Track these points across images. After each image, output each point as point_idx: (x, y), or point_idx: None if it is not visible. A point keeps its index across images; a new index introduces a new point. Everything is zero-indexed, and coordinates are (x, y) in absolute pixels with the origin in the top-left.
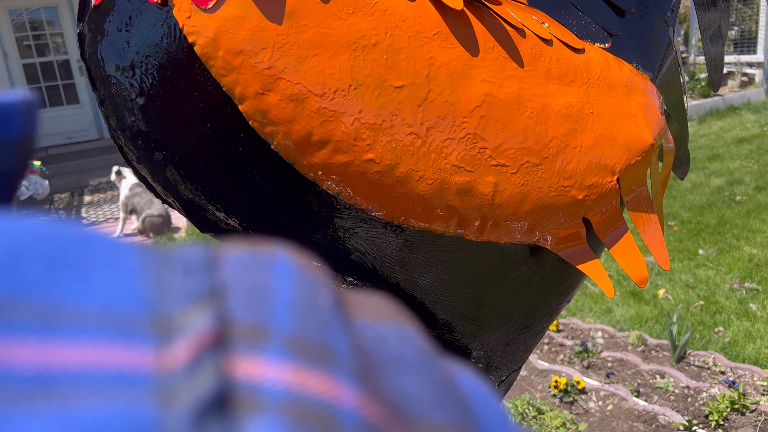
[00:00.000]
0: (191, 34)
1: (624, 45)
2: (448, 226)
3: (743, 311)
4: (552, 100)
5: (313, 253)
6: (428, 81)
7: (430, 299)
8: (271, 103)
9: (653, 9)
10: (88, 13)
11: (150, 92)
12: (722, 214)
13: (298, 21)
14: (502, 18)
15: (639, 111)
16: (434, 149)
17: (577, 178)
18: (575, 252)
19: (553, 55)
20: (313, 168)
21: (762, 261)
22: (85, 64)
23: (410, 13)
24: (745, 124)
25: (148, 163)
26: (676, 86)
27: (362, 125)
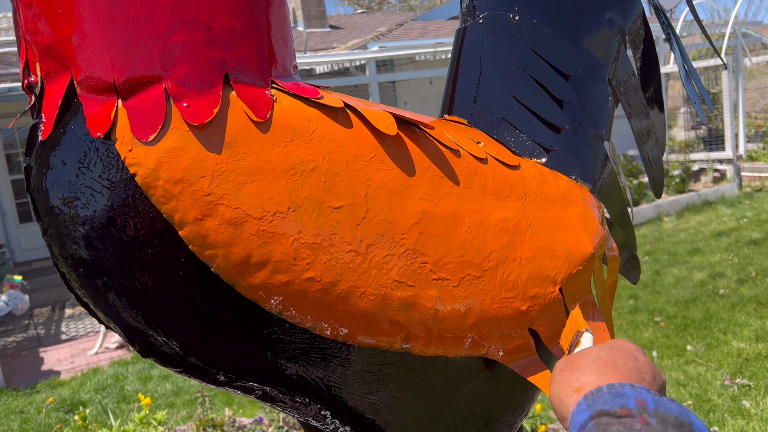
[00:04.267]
0: (132, 165)
1: (562, 159)
2: (394, 341)
3: (737, 409)
4: (489, 215)
5: (257, 373)
6: (366, 201)
7: (382, 418)
8: (210, 227)
9: (587, 125)
10: (35, 148)
11: (92, 221)
12: (707, 308)
13: (237, 150)
14: (437, 140)
15: (577, 222)
16: (375, 265)
17: (519, 289)
18: (525, 363)
19: (488, 173)
20: (253, 289)
21: (751, 356)
22: (30, 195)
23: (347, 139)
24: (722, 218)
25: (89, 290)
26: (616, 195)
27: (302, 245)
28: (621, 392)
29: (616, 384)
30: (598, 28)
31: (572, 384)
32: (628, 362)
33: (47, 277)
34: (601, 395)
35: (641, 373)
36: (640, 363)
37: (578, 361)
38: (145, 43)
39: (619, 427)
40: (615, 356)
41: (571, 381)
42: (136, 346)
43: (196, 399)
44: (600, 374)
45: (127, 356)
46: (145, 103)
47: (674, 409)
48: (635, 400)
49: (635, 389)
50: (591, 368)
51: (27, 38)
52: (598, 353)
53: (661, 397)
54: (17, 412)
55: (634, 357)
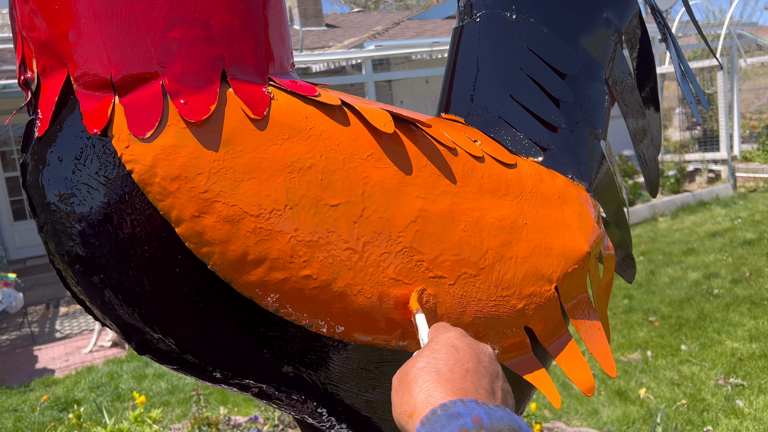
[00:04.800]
0: (129, 162)
1: (558, 158)
2: (390, 339)
3: (731, 408)
4: (485, 213)
5: (254, 371)
6: (363, 199)
7: (377, 416)
8: (207, 224)
9: (583, 124)
10: (31, 144)
11: (88, 218)
12: (702, 308)
13: (234, 147)
14: (434, 138)
15: (573, 220)
16: (371, 263)
17: (515, 287)
18: (521, 362)
19: (485, 171)
20: (250, 286)
21: (745, 355)
22: (27, 192)
23: (345, 137)
24: (716, 218)
25: (85, 287)
26: (612, 194)
27: (298, 242)
28: (455, 412)
29: (448, 403)
30: (595, 27)
31: (404, 408)
32: (448, 361)
33: (41, 275)
34: (438, 419)
35: (464, 368)
36: (461, 354)
37: (404, 379)
38: (143, 39)
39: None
40: (435, 360)
41: (403, 404)
42: (133, 344)
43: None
44: (426, 389)
45: (121, 354)
46: (142, 100)
47: (504, 418)
48: (471, 419)
49: (467, 405)
50: (415, 385)
51: (23, 34)
52: (419, 363)
53: (492, 408)
54: (11, 411)
55: (455, 349)
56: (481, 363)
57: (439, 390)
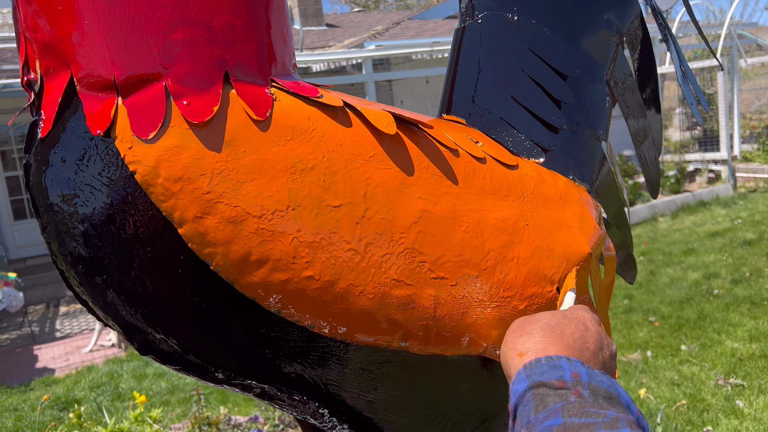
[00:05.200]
0: (132, 163)
1: (559, 159)
2: (392, 339)
3: (731, 408)
4: (487, 214)
5: (256, 371)
6: (365, 200)
7: (379, 416)
8: (210, 225)
9: (585, 125)
10: (34, 145)
11: (91, 219)
12: (702, 308)
13: (236, 148)
14: (435, 139)
15: (575, 222)
16: (373, 264)
17: (516, 288)
18: None
19: (486, 172)
20: (252, 287)
21: (745, 356)
22: (30, 193)
23: (347, 137)
24: (716, 219)
25: (88, 287)
26: (613, 195)
27: (301, 243)
28: (558, 365)
29: (554, 356)
30: (597, 28)
31: (517, 347)
32: (575, 332)
33: (42, 275)
34: (540, 366)
35: (585, 344)
36: (589, 333)
37: (528, 326)
38: (146, 40)
39: (555, 399)
40: (564, 325)
41: (518, 344)
42: (135, 344)
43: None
44: (544, 342)
45: (121, 354)
46: (145, 101)
47: (605, 382)
48: (571, 373)
49: (571, 362)
50: (538, 335)
51: (27, 35)
52: (549, 320)
53: (594, 371)
54: (11, 410)
55: (585, 326)
56: (602, 351)
57: (555, 347)
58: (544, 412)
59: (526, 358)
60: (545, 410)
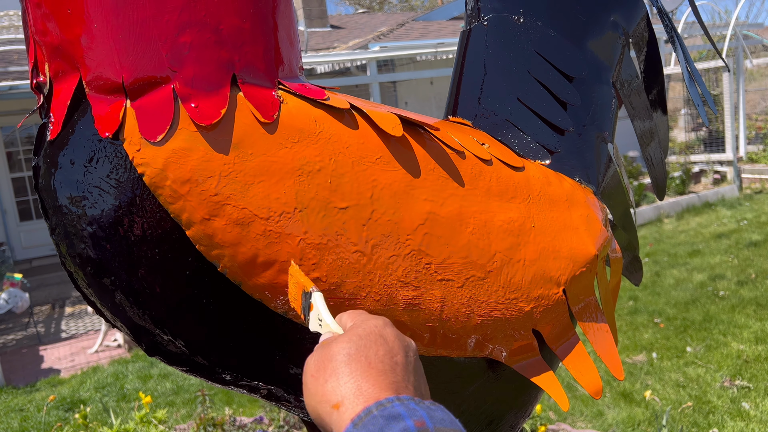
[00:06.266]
0: (140, 165)
1: (565, 161)
2: None
3: (736, 410)
4: (493, 216)
5: (263, 372)
6: (372, 202)
7: None
8: (218, 227)
9: (591, 127)
10: (43, 148)
11: (100, 221)
12: (707, 309)
13: (244, 151)
14: (442, 141)
15: (581, 223)
16: (380, 266)
17: (523, 290)
18: (529, 364)
19: (492, 174)
20: (259, 288)
21: (751, 357)
22: (39, 195)
23: (353, 140)
24: (722, 220)
25: (96, 289)
26: (620, 197)
27: (308, 245)
28: (393, 413)
29: (384, 401)
30: (603, 30)
31: (328, 398)
32: (379, 350)
33: (47, 275)
34: (373, 420)
35: (394, 359)
36: (389, 343)
37: (329, 364)
38: (154, 43)
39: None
40: (365, 348)
41: (327, 393)
42: (143, 345)
43: (196, 398)
44: (357, 380)
45: (127, 355)
46: (153, 104)
47: (446, 420)
48: (413, 422)
49: (404, 404)
50: (345, 373)
51: (36, 38)
52: (346, 348)
53: (430, 408)
54: (17, 410)
55: (382, 338)
56: (408, 357)
57: (370, 383)
58: None
59: (347, 411)
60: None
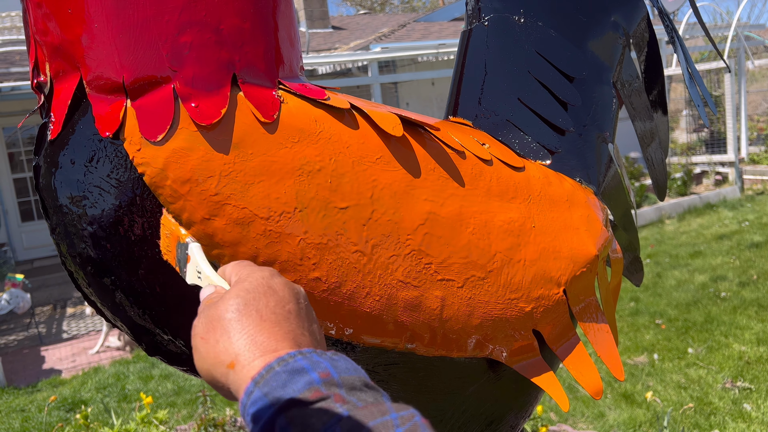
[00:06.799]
0: (141, 165)
1: (566, 161)
2: (399, 341)
3: (738, 412)
4: (494, 217)
5: None
6: (372, 202)
7: None
8: (218, 227)
9: (591, 128)
10: (44, 147)
11: (100, 220)
12: (709, 311)
13: (244, 150)
14: (442, 141)
15: (582, 224)
16: (380, 266)
17: (523, 290)
18: (529, 364)
19: (493, 174)
20: None
21: (752, 359)
22: (39, 194)
23: (354, 140)
24: (723, 221)
25: (96, 288)
26: (620, 198)
27: (308, 245)
28: (296, 367)
29: (285, 356)
30: (603, 30)
31: (222, 359)
32: (269, 302)
33: (49, 276)
34: (275, 376)
35: (286, 308)
36: (279, 293)
37: (218, 323)
38: (154, 43)
39: (322, 418)
40: (254, 301)
41: (219, 354)
42: (143, 345)
43: (198, 398)
44: (249, 335)
45: (128, 355)
46: (153, 104)
47: (350, 369)
48: (317, 374)
49: (307, 358)
50: (236, 329)
51: (37, 38)
52: (234, 303)
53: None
54: (18, 411)
55: (272, 289)
56: (300, 304)
57: (264, 336)
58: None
59: (244, 369)
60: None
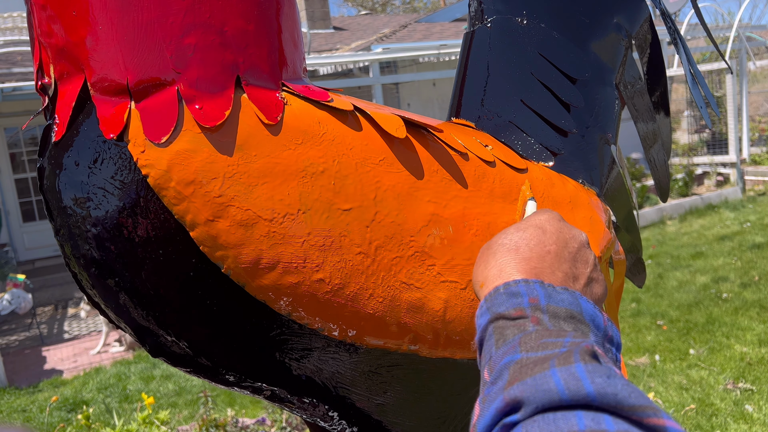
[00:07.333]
0: (145, 167)
1: (569, 162)
2: (402, 343)
3: (739, 413)
4: (497, 218)
5: (266, 374)
6: (375, 203)
7: (388, 419)
8: (221, 228)
9: (594, 129)
10: (48, 149)
11: (104, 222)
12: (710, 312)
13: (248, 152)
14: (445, 143)
15: (584, 225)
16: (383, 267)
17: None
18: None
19: (496, 176)
20: (263, 290)
21: (754, 360)
22: (43, 196)
23: (357, 141)
24: (725, 222)
25: (100, 290)
26: (623, 199)
27: (311, 247)
28: (515, 291)
29: (511, 282)
30: (606, 32)
31: (478, 278)
32: (531, 240)
33: (50, 276)
34: (498, 296)
35: (544, 248)
36: (547, 235)
37: (486, 253)
38: (159, 45)
39: (514, 330)
40: (519, 239)
41: (478, 275)
42: (147, 346)
43: (199, 399)
44: (501, 265)
45: (129, 356)
46: (157, 105)
47: (565, 301)
48: (528, 299)
49: (529, 285)
50: (493, 260)
51: (41, 40)
52: (504, 240)
53: (555, 289)
54: (20, 411)
55: (541, 230)
56: (567, 247)
57: (512, 266)
58: (504, 347)
59: (485, 289)
60: (505, 345)
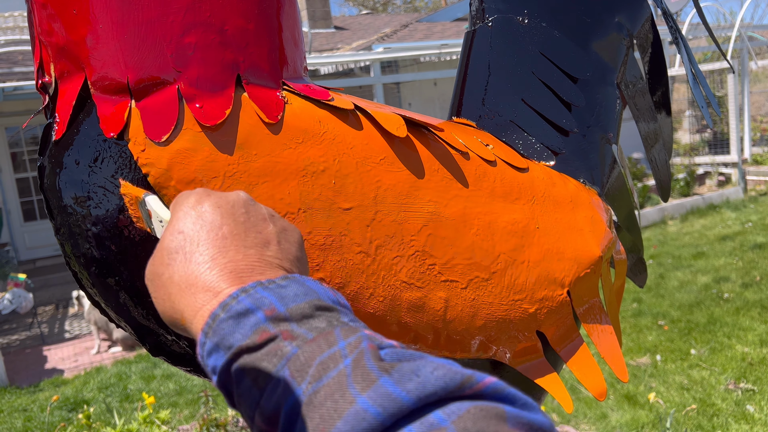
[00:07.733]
0: (145, 165)
1: (570, 162)
2: (403, 342)
3: (741, 413)
4: (497, 217)
5: None
6: (376, 203)
7: None
8: None
9: (595, 128)
10: (48, 148)
11: (104, 221)
12: (711, 312)
13: (248, 151)
14: (446, 142)
15: (585, 225)
16: (384, 267)
17: (527, 291)
18: (532, 366)
19: (497, 175)
20: None
21: (755, 360)
22: (44, 194)
23: (358, 140)
24: (726, 222)
25: (101, 288)
26: (624, 198)
27: (312, 246)
28: (242, 309)
29: (227, 299)
30: (607, 31)
31: (172, 315)
32: (199, 237)
33: (51, 276)
34: (221, 325)
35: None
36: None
37: (155, 283)
38: (159, 44)
39: (271, 361)
40: (181, 245)
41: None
42: (147, 345)
43: (200, 398)
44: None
45: (129, 355)
46: (158, 104)
47: (299, 294)
48: (263, 313)
49: (251, 295)
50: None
51: (41, 39)
52: (164, 258)
53: (279, 286)
54: (20, 410)
55: (200, 218)
56: (236, 219)
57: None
58: (270, 388)
59: (194, 322)
60: (270, 385)
